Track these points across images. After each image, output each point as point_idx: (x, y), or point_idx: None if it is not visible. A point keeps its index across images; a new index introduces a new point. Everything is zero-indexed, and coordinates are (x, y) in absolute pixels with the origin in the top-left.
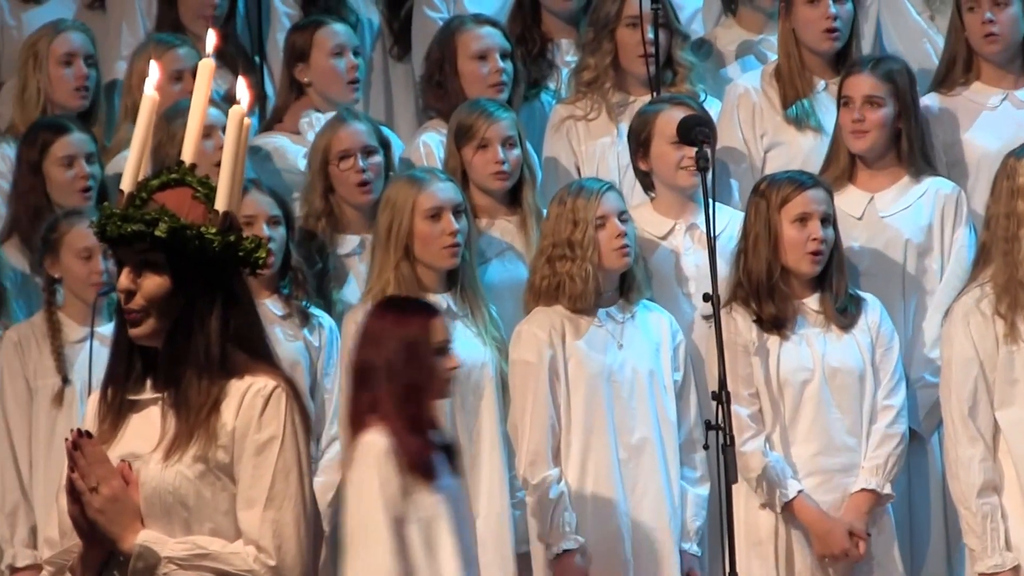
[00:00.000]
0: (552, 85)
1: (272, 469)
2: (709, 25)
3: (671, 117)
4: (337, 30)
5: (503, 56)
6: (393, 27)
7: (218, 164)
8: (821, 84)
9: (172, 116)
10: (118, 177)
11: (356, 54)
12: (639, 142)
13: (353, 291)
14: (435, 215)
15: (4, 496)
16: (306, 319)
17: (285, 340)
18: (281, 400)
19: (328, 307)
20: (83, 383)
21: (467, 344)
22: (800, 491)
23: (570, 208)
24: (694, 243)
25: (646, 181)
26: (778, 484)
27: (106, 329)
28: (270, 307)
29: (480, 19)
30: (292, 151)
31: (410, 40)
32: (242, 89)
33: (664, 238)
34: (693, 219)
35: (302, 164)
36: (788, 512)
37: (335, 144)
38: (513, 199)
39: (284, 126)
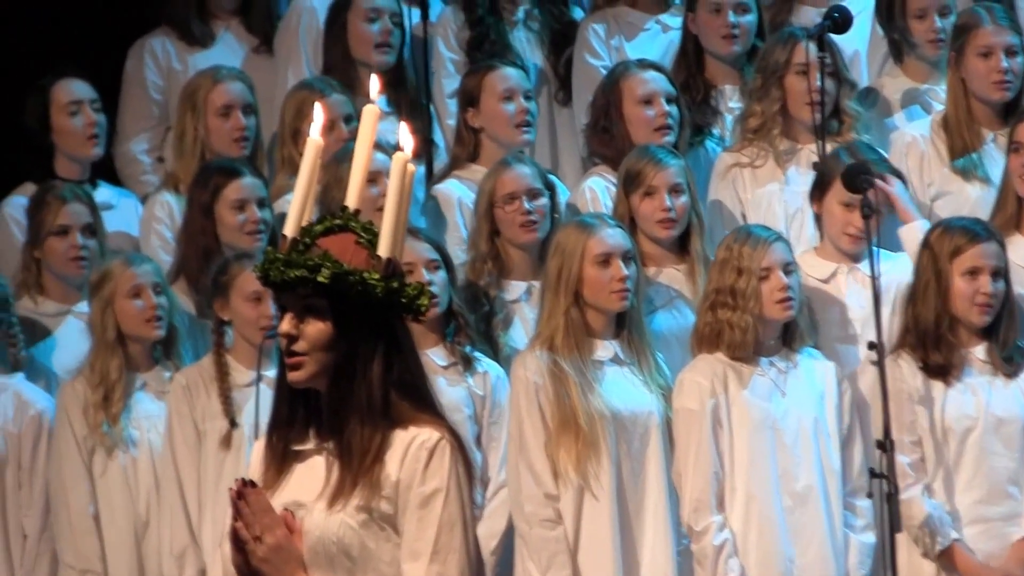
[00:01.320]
0: (716, 131)
1: (437, 522)
2: (872, 72)
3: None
4: (507, 74)
5: (668, 100)
6: (558, 72)
7: (381, 209)
8: (989, 136)
9: (340, 159)
10: (281, 220)
11: (527, 98)
12: (818, 184)
13: (519, 336)
14: (604, 260)
15: (173, 538)
16: (469, 365)
17: (448, 388)
18: (446, 452)
19: (494, 351)
20: (251, 427)
21: (633, 391)
22: (957, 540)
23: (736, 256)
24: (858, 287)
25: (820, 223)
26: (936, 532)
27: (274, 373)
28: (432, 358)
29: (645, 64)
30: (468, 200)
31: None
32: (406, 135)
33: (827, 281)
34: (857, 263)
35: None
36: (946, 561)
37: (500, 187)
38: (681, 247)
39: (461, 172)
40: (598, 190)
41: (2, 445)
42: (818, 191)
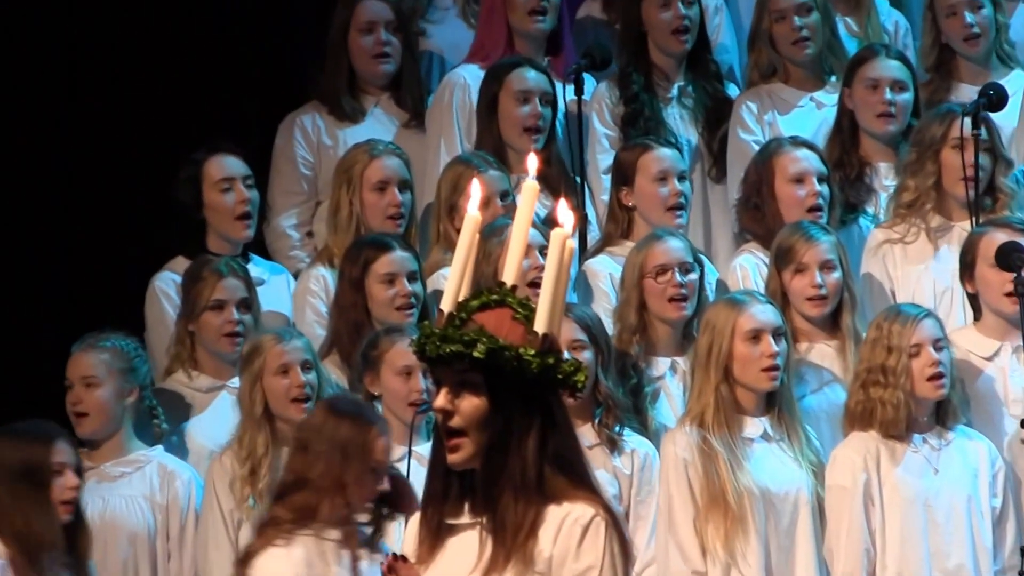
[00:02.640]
0: (870, 209)
1: None
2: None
3: (993, 240)
4: (662, 155)
5: (820, 180)
6: (712, 148)
7: (531, 284)
8: None
9: (489, 234)
10: (431, 296)
11: (681, 179)
12: (964, 263)
13: (665, 412)
14: (755, 337)
15: None
16: (615, 446)
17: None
18: (600, 529)
19: (643, 425)
20: None
21: (783, 468)
22: None
23: (886, 333)
24: (1021, 365)
25: (974, 303)
26: None
27: (424, 448)
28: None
29: (797, 142)
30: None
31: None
32: (564, 211)
33: (990, 359)
34: (1020, 340)
35: None
36: None
37: (651, 259)
38: (833, 323)
39: (613, 249)
40: (749, 267)
41: (151, 517)
42: (967, 269)
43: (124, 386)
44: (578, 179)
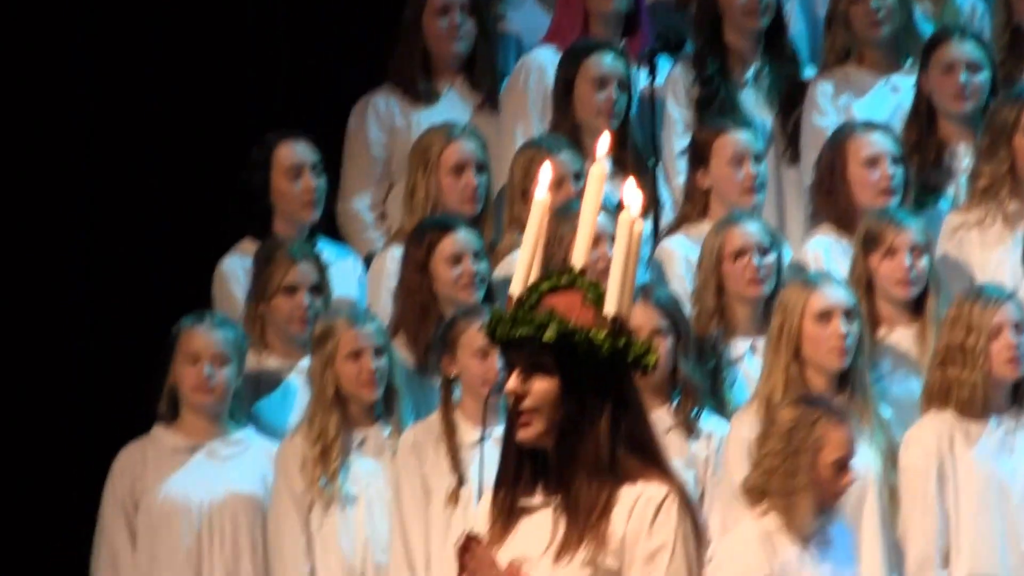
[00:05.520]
0: (950, 192)
1: None
2: None
3: None
4: (737, 137)
5: (894, 162)
6: (786, 131)
7: (601, 272)
8: None
9: (560, 217)
10: (505, 279)
11: (757, 160)
12: None
13: (743, 394)
14: (825, 317)
15: None
16: (691, 430)
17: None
18: (673, 508)
19: (721, 407)
20: (477, 483)
21: None
22: None
23: (966, 313)
24: None
25: None
26: None
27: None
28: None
29: (871, 125)
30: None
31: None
32: (633, 193)
33: None
34: None
35: None
36: None
37: (729, 241)
38: (915, 308)
39: (689, 229)
40: (821, 249)
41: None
42: None
43: (240, 366)
44: (651, 163)
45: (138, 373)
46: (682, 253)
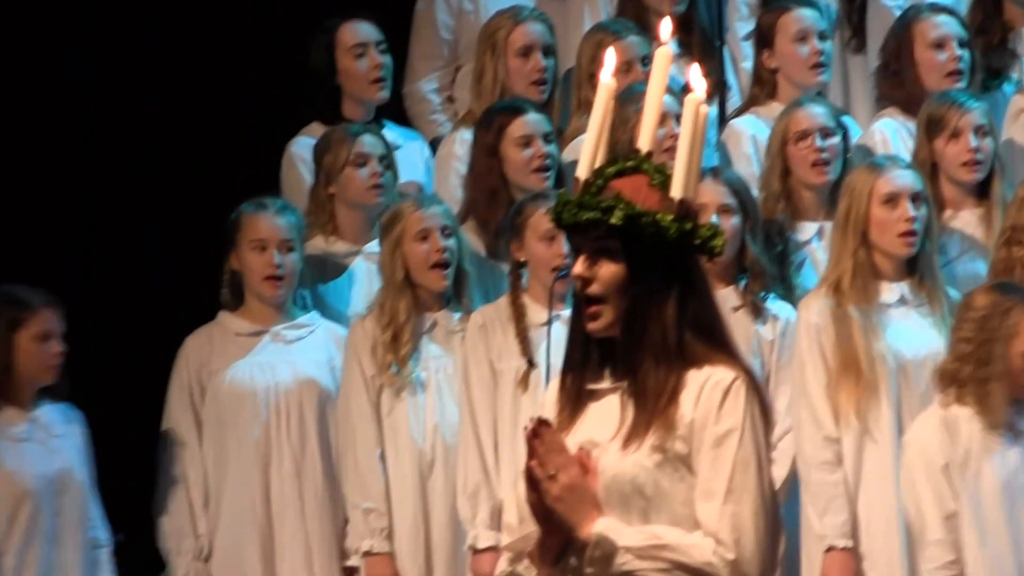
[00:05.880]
0: (1014, 75)
1: (731, 461)
2: None
3: None
4: (801, 15)
5: (960, 45)
6: (851, 19)
7: (667, 151)
8: None
9: (625, 101)
10: (573, 163)
11: (822, 38)
12: None
13: (811, 277)
14: (892, 201)
15: (467, 477)
16: (759, 312)
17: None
18: (740, 392)
19: (788, 291)
20: (544, 366)
21: (920, 334)
22: None
23: None
24: None
25: None
26: None
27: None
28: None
29: (937, 7)
30: (761, 136)
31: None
32: (697, 76)
33: None
34: None
35: None
36: None
37: (793, 125)
38: (980, 191)
39: (758, 109)
40: (888, 132)
41: (331, 379)
42: None
43: (302, 251)
44: (717, 45)
45: (205, 261)
46: (750, 132)
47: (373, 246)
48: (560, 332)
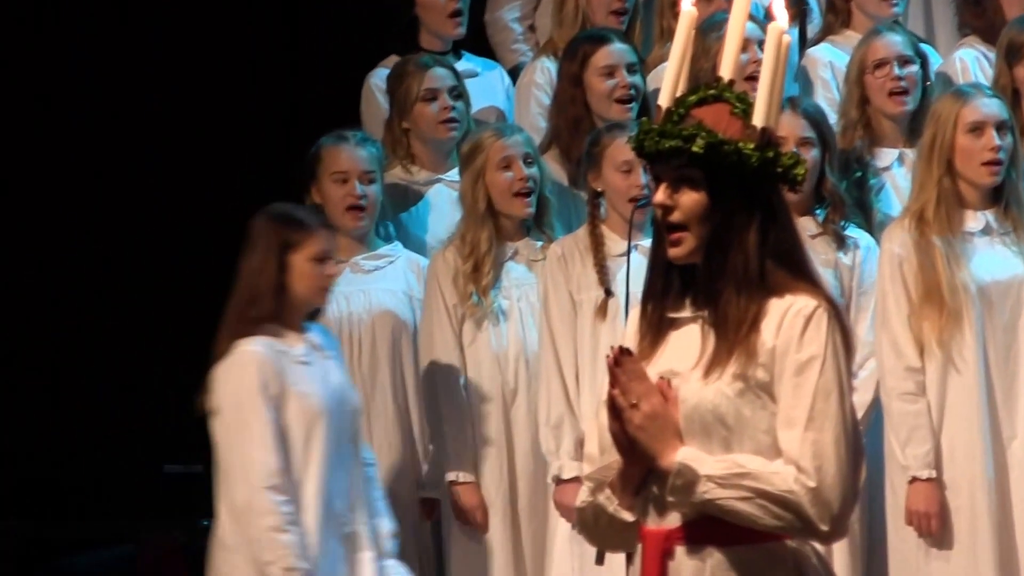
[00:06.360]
0: None
1: (813, 389)
2: None
3: None
4: None
5: None
6: None
7: (749, 78)
8: None
9: (707, 30)
10: (655, 92)
11: None
12: None
13: (890, 203)
14: (977, 129)
15: (550, 408)
16: (841, 242)
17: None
18: (822, 320)
19: (867, 217)
20: (623, 295)
21: (1004, 263)
22: None
23: None
24: None
25: None
26: None
27: (647, 243)
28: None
29: None
30: (839, 63)
31: None
32: (780, 5)
33: None
34: None
35: None
36: None
37: (871, 54)
38: None
39: (835, 38)
40: (968, 60)
41: (409, 309)
42: None
43: (383, 182)
44: None
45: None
46: (827, 60)
47: (453, 174)
48: (638, 262)
